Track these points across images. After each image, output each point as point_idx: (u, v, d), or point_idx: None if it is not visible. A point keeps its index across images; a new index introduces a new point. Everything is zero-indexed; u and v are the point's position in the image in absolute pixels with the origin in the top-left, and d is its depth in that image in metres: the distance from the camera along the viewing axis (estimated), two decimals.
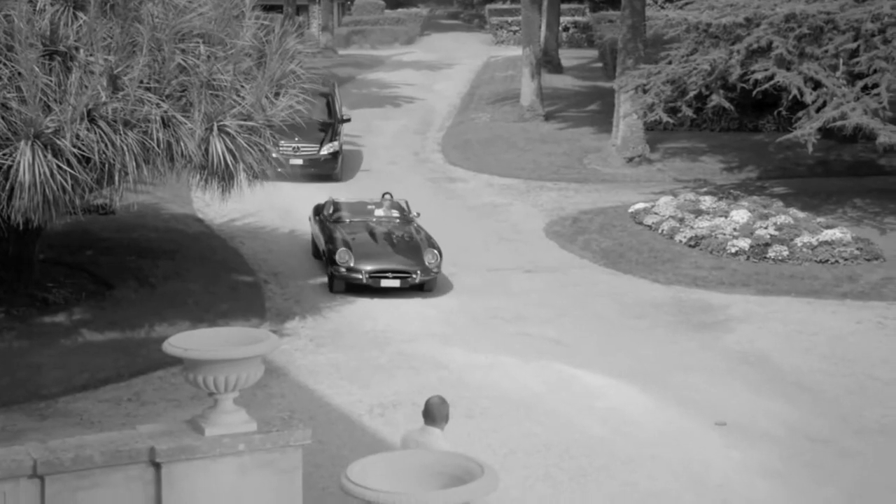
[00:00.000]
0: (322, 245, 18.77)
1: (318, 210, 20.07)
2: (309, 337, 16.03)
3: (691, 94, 21.78)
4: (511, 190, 25.07)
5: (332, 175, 25.31)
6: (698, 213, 21.00)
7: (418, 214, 19.75)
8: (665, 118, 22.51)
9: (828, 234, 19.56)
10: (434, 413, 8.67)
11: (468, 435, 12.76)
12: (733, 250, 19.41)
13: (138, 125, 13.61)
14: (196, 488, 8.41)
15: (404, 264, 17.85)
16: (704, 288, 18.26)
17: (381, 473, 6.26)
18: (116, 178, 13.86)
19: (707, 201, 21.57)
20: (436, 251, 18.05)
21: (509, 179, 25.94)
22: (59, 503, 8.18)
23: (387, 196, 19.95)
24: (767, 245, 19.40)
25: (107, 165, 13.60)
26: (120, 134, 13.42)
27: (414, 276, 17.69)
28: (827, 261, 19.08)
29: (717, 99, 21.83)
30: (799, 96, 20.85)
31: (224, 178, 15.20)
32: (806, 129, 20.59)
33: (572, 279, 18.87)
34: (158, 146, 13.74)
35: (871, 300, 17.65)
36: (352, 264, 17.71)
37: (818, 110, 20.77)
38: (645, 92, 22.58)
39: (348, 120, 27.29)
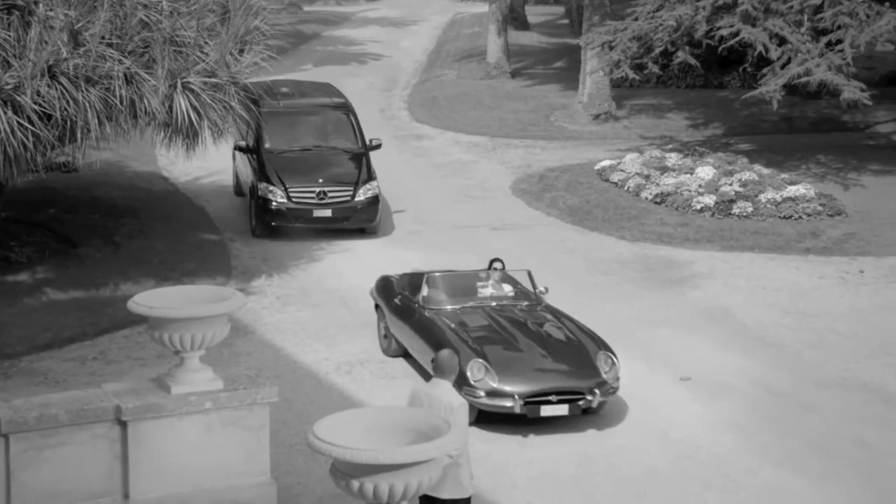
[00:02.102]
0: (421, 349, 12.70)
1: (391, 288, 13.85)
2: (275, 295, 16.01)
3: (657, 50, 21.75)
4: (477, 147, 25.03)
5: (367, 228, 18.51)
6: (664, 169, 21.08)
7: (546, 290, 13.60)
8: (631, 75, 22.49)
9: (791, 191, 19.71)
10: (444, 366, 8.86)
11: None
12: (698, 207, 19.52)
13: (100, 82, 13.45)
14: (163, 446, 8.42)
15: (573, 380, 11.86)
16: (670, 244, 18.37)
17: (348, 430, 6.30)
18: (79, 135, 13.74)
19: (672, 158, 21.65)
20: (610, 354, 12.19)
21: (476, 137, 25.89)
22: (24, 461, 8.16)
23: (497, 265, 13.71)
24: (732, 201, 19.52)
25: (69, 122, 13.45)
26: (82, 90, 13.26)
27: (589, 397, 11.76)
28: (790, 217, 19.24)
29: (682, 55, 21.83)
30: (764, 53, 20.89)
31: (188, 135, 15.08)
32: (771, 86, 20.66)
33: (539, 236, 18.92)
34: (121, 103, 13.61)
35: (834, 255, 17.84)
36: (495, 385, 11.68)
37: (783, 67, 20.83)
38: (611, 48, 22.54)
39: (378, 146, 19.47)
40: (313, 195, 18.07)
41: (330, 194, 18.11)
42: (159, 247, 17.36)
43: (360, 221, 18.36)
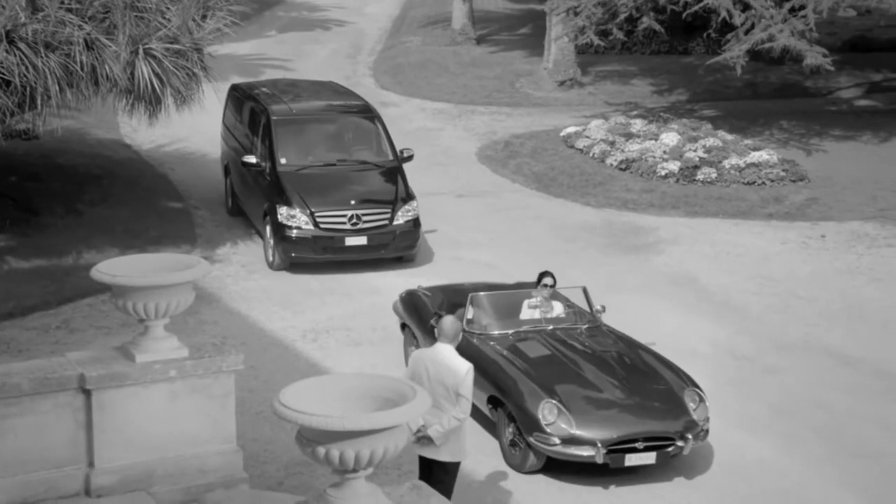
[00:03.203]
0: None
1: (422, 307, 12.36)
2: (241, 263, 15.95)
3: (622, 16, 21.72)
4: (443, 114, 24.97)
5: (405, 256, 15.77)
6: (629, 136, 21.12)
7: (603, 309, 12.02)
8: (596, 41, 22.47)
9: (755, 156, 19.83)
10: (447, 331, 8.97)
11: (403, 359, 12.85)
12: (663, 173, 19.60)
13: (60, 47, 13.28)
14: (127, 414, 8.39)
15: (660, 422, 10.34)
16: (635, 210, 18.46)
17: (313, 397, 6.29)
18: (39, 102, 13.57)
19: (637, 124, 21.69)
20: (697, 391, 10.71)
21: (441, 104, 25.82)
22: None
23: (547, 280, 11.81)
24: (696, 167, 19.61)
25: (28, 89, 13.29)
26: (41, 56, 13.10)
27: (680, 443, 10.27)
28: (754, 182, 19.36)
29: (647, 21, 21.82)
30: (728, 18, 20.91)
31: (151, 102, 14.95)
32: (735, 52, 20.71)
33: (505, 203, 18.94)
34: (82, 69, 13.45)
35: (796, 220, 18.00)
36: (571, 430, 10.16)
37: (746, 32, 20.88)
38: (576, 14, 22.48)
39: (410, 157, 16.60)
40: (345, 220, 15.18)
41: (364, 218, 15.23)
42: (123, 215, 17.23)
43: (400, 249, 15.48)
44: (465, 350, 10.84)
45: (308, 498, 6.50)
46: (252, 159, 16.16)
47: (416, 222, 15.63)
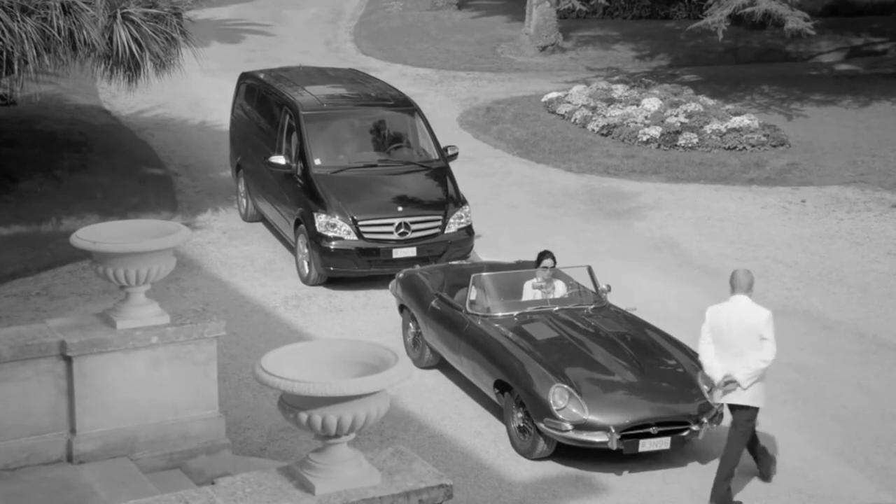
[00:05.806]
0: (474, 369, 10.77)
1: (422, 288, 11.85)
2: (222, 230, 15.91)
3: None
4: (425, 80, 24.88)
5: None
6: (610, 101, 21.09)
7: (608, 288, 11.63)
8: (578, 6, 22.44)
9: (736, 121, 19.85)
10: (741, 282, 9.55)
11: (385, 324, 12.87)
12: (644, 138, 19.61)
13: (36, 11, 13.16)
14: (109, 381, 8.39)
15: (673, 405, 10.00)
16: (616, 176, 18.47)
17: (295, 363, 6.30)
18: (16, 66, 13.44)
19: (619, 90, 21.66)
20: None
21: (423, 69, 25.72)
22: None
23: (547, 262, 11.40)
24: (678, 133, 19.63)
25: (5, 53, 13.17)
26: (17, 20, 12.97)
27: (695, 427, 9.96)
28: (735, 147, 19.40)
29: None
30: None
31: (130, 67, 14.84)
32: (716, 17, 20.70)
33: (486, 169, 18.93)
34: (59, 34, 13.33)
35: (777, 185, 18.06)
36: (583, 415, 9.78)
37: None
38: None
39: (455, 156, 15.09)
40: (391, 229, 13.64)
41: (413, 227, 13.69)
42: (102, 181, 17.14)
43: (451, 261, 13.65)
44: (471, 334, 10.85)
45: (291, 464, 6.52)
46: (281, 160, 14.34)
47: (469, 230, 14.15)
